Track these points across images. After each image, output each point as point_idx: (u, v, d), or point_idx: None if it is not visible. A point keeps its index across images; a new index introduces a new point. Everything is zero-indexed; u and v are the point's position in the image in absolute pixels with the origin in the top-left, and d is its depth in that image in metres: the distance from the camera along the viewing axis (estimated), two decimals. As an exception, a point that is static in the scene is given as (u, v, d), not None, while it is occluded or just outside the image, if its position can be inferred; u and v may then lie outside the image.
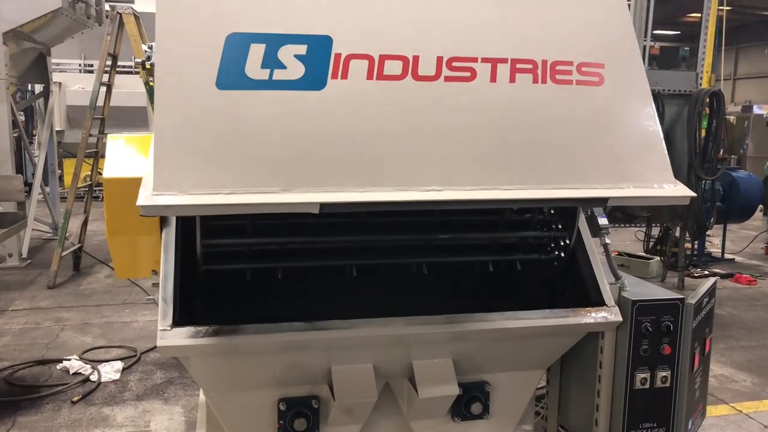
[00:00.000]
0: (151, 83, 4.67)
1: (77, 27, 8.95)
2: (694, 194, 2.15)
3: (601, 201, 2.07)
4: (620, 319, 2.46)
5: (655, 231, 8.00)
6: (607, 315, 2.46)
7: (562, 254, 2.61)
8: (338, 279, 2.58)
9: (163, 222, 2.33)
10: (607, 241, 2.67)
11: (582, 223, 2.62)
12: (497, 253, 2.71)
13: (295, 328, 2.20)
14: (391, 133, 1.94)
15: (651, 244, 8.09)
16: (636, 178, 2.08)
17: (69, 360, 4.97)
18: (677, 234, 7.49)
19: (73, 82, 13.68)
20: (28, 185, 9.63)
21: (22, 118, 12.13)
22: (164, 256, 2.25)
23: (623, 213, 6.64)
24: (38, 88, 10.86)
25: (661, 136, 2.17)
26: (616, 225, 6.87)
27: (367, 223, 2.44)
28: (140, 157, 2.37)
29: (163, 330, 2.09)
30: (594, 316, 2.45)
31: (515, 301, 2.50)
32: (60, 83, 12.98)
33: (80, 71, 14.90)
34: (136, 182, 2.30)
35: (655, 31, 10.99)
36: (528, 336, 2.45)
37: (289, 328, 2.19)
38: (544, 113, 2.07)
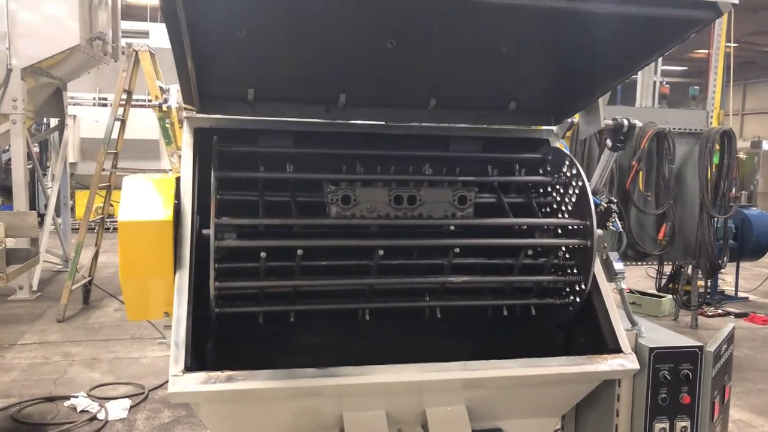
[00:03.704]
0: (167, 125, 4.72)
1: (94, 63, 9.11)
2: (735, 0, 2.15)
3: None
4: (637, 366, 2.42)
5: (667, 269, 7.92)
6: (624, 362, 2.41)
7: (578, 299, 2.58)
8: (350, 322, 2.56)
9: (177, 265, 2.33)
10: (623, 285, 2.64)
11: (597, 268, 2.59)
12: (512, 297, 2.69)
13: (307, 375, 2.17)
14: None
15: (663, 281, 8.00)
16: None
17: (77, 397, 4.94)
18: (689, 272, 7.42)
19: (87, 115, 13.92)
20: (41, 216, 9.70)
21: (36, 149, 12.27)
22: (177, 300, 2.23)
23: (635, 251, 6.59)
24: (53, 120, 11.01)
25: None
26: (628, 263, 6.81)
27: (380, 266, 2.43)
28: (157, 199, 2.37)
29: (175, 375, 2.07)
30: (610, 364, 2.41)
31: (530, 347, 2.46)
32: (75, 116, 13.19)
33: (94, 104, 15.14)
34: (151, 226, 2.31)
35: (663, 67, 11.07)
36: (544, 383, 2.41)
37: (302, 374, 2.16)
38: None
